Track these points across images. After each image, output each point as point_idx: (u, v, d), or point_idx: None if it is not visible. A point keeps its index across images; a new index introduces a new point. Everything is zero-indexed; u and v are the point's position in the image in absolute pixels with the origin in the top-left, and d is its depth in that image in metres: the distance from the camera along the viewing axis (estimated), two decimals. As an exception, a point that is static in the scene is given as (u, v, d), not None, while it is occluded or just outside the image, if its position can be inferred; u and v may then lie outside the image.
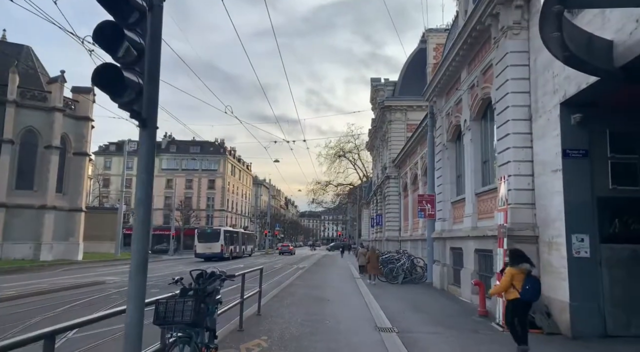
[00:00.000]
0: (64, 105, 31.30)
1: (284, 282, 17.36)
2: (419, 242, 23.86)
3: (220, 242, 38.90)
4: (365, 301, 12.34)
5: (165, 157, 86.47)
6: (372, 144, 46.50)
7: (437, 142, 17.49)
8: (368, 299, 12.58)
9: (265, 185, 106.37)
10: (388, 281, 17.97)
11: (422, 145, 23.50)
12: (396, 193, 31.86)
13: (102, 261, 33.04)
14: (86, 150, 33.08)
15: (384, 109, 33.00)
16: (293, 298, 12.44)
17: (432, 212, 17.59)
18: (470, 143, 13.26)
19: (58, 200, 30.86)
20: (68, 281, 17.83)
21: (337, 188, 75.03)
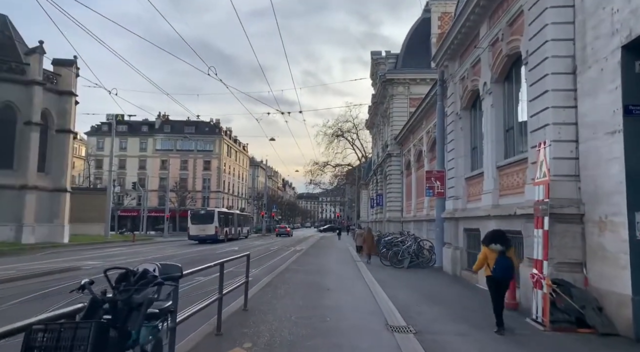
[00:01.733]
0: (44, 78, 29.25)
1: (279, 267, 15.81)
2: (423, 223, 22.31)
3: (214, 224, 37.38)
4: (370, 289, 10.78)
5: (160, 137, 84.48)
6: (372, 122, 44.64)
7: (447, 112, 15.74)
8: (373, 287, 11.02)
9: (262, 166, 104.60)
10: (392, 265, 16.45)
11: (429, 119, 21.74)
12: (398, 172, 30.20)
13: (90, 243, 31.50)
14: (70, 128, 31.13)
15: (385, 83, 31.09)
16: (288, 287, 10.86)
17: (441, 190, 15.96)
18: (490, 109, 11.52)
19: (40, 180, 29.08)
20: (41, 267, 16.22)
21: (335, 169, 73.39)
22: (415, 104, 29.15)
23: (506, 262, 6.89)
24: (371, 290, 10.64)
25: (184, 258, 21.14)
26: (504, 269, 6.86)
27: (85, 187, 64.24)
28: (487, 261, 6.99)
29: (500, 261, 6.84)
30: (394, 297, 9.51)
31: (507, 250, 6.95)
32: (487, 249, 7.01)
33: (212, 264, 6.07)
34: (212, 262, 6.51)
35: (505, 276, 6.95)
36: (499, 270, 6.85)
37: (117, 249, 28.22)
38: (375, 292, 10.21)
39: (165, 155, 79.93)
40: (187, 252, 25.89)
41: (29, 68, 28.49)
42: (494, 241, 6.98)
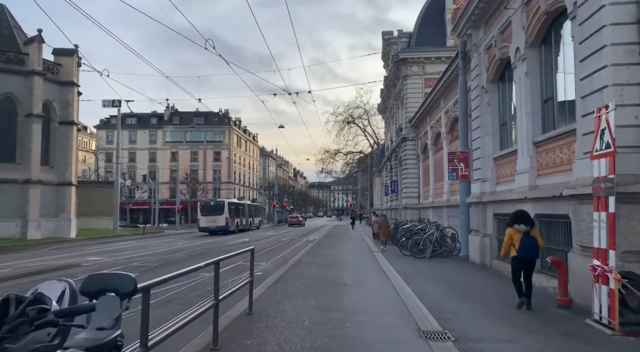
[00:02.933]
0: (44, 68, 28.26)
1: (291, 259, 14.69)
2: (443, 209, 21.01)
3: (224, 215, 36.46)
4: (392, 284, 9.58)
5: (169, 129, 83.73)
6: (384, 106, 43.13)
7: (471, 86, 14.35)
8: (396, 281, 9.82)
9: (272, 156, 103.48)
10: (413, 255, 15.24)
11: (448, 97, 20.30)
12: (414, 156, 28.82)
13: (97, 237, 30.73)
14: (73, 119, 30.17)
15: (399, 63, 29.58)
16: (300, 283, 9.70)
17: (466, 172, 14.63)
18: (524, 78, 10.13)
19: (44, 173, 28.25)
20: (39, 264, 15.33)
21: (346, 157, 72.12)
22: (430, 84, 27.70)
23: (531, 242, 6.90)
24: (394, 285, 9.45)
25: (192, 251, 20.17)
26: (529, 249, 6.89)
27: (93, 180, 63.84)
28: (512, 242, 7.01)
29: (525, 241, 6.87)
30: (421, 293, 8.30)
31: (531, 230, 6.98)
32: (511, 230, 7.04)
33: (203, 264, 4.89)
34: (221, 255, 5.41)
35: (531, 255, 6.97)
36: (525, 250, 6.87)
37: (125, 243, 27.40)
38: (399, 288, 9.00)
39: (175, 147, 79.22)
40: (196, 244, 24.96)
41: (28, 58, 27.52)
42: (517, 222, 7.01)
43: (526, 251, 6.88)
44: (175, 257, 17.16)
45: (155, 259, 16.67)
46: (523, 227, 6.93)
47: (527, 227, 6.93)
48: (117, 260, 16.34)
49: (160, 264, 14.88)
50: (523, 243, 6.86)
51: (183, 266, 4.93)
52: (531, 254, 6.96)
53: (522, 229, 6.92)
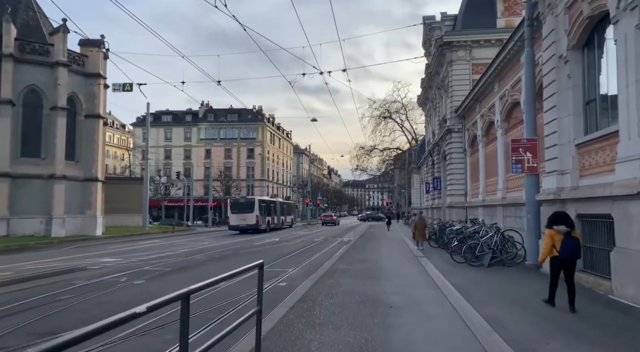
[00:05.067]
0: (69, 60, 27.30)
1: (322, 266, 12.56)
2: (497, 208, 18.36)
3: (255, 213, 34.78)
4: (453, 305, 7.28)
5: (204, 126, 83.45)
6: (425, 97, 40.32)
7: (542, 59, 11.79)
8: (456, 301, 7.51)
9: (305, 153, 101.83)
10: (467, 262, 12.80)
11: (504, 80, 17.65)
12: (460, 150, 26.12)
13: (124, 235, 29.65)
14: (99, 112, 29.12)
15: (443, 48, 26.90)
16: (332, 302, 7.54)
17: (534, 163, 12.06)
18: (635, 33, 7.58)
19: (69, 169, 27.30)
20: (47, 266, 13.84)
21: (382, 153, 69.33)
22: (479, 70, 24.98)
23: (573, 243, 6.77)
24: (455, 307, 7.14)
25: (216, 252, 18.40)
26: (571, 249, 6.76)
27: (123, 176, 63.88)
28: (553, 244, 6.85)
29: (567, 241, 6.74)
30: (497, 324, 5.99)
31: (572, 230, 6.83)
32: (551, 231, 6.90)
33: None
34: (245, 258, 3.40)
35: (573, 256, 6.85)
36: (567, 251, 6.74)
37: (151, 241, 26.09)
38: (464, 313, 6.70)
39: (209, 144, 78.71)
40: (223, 244, 23.25)
41: (53, 49, 26.60)
42: (556, 222, 6.90)
43: (569, 252, 6.76)
44: (194, 260, 15.38)
45: (172, 261, 14.93)
46: (564, 228, 6.79)
47: (567, 228, 6.79)
48: (131, 262, 14.71)
49: (176, 268, 13.09)
50: (565, 244, 6.71)
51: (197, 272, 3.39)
52: (574, 254, 6.83)
53: (562, 230, 6.78)
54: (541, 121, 12.74)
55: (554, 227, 6.88)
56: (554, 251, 6.85)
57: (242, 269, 4.31)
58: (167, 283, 10.29)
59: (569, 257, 6.81)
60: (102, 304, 8.01)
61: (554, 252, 6.86)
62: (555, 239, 6.83)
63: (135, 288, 9.72)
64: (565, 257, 6.78)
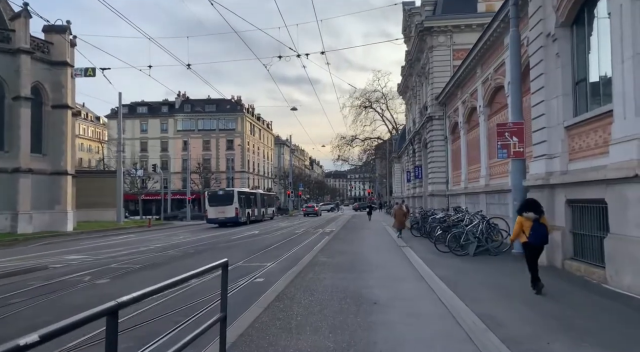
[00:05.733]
0: (32, 46, 25.84)
1: (302, 259, 11.94)
2: (480, 195, 18.02)
3: (234, 205, 33.90)
4: (441, 300, 6.74)
5: (180, 117, 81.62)
6: (405, 85, 39.84)
7: (528, 39, 11.30)
8: (445, 295, 6.98)
9: (287, 144, 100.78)
10: (452, 252, 12.36)
11: (486, 63, 17.20)
12: (441, 138, 25.74)
13: (96, 231, 28.50)
14: (67, 102, 27.72)
15: (423, 33, 26.36)
16: (310, 300, 6.91)
17: (520, 148, 11.60)
18: (631, 4, 7.08)
19: (36, 162, 25.98)
20: (6, 265, 12.89)
21: (364, 143, 69.04)
22: (460, 56, 24.58)
23: (541, 229, 7.10)
24: (444, 302, 6.60)
25: (191, 247, 17.60)
26: (540, 235, 7.11)
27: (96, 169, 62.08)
28: (522, 229, 7.17)
29: (536, 228, 7.04)
30: (491, 321, 5.47)
31: (541, 217, 7.11)
32: (521, 218, 7.19)
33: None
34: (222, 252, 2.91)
35: (542, 241, 7.22)
36: (536, 236, 7.08)
37: (124, 237, 25.04)
38: (454, 309, 6.16)
39: (187, 135, 77.01)
40: (199, 238, 22.42)
41: (14, 35, 25.12)
42: (526, 210, 7.18)
43: (537, 238, 7.09)
44: (167, 256, 14.58)
45: (143, 258, 14.10)
46: (532, 215, 7.05)
47: (536, 215, 7.05)
48: (98, 260, 13.83)
49: (145, 265, 12.29)
50: (534, 230, 7.00)
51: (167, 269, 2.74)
52: (542, 240, 7.19)
53: (531, 217, 7.04)
54: (527, 104, 12.30)
55: (523, 214, 7.15)
56: (523, 236, 7.15)
57: (202, 271, 3.64)
58: (132, 282, 9.52)
59: (538, 243, 7.15)
60: (57, 307, 7.24)
61: (523, 237, 7.16)
62: (525, 225, 7.11)
63: (96, 289, 8.93)
64: (533, 243, 7.11)
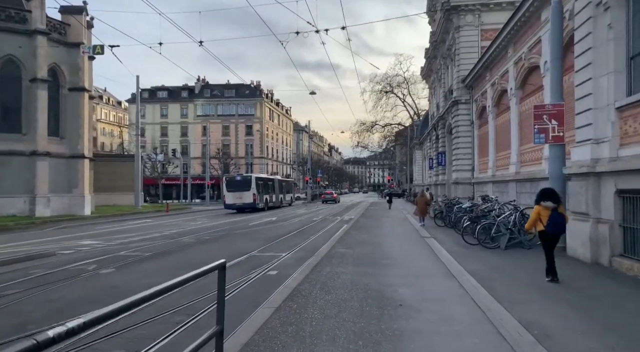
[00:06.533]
0: (49, 28, 25.46)
1: (320, 249, 11.22)
2: (510, 184, 16.95)
3: (252, 191, 33.42)
4: (476, 302, 5.90)
5: (200, 102, 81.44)
6: (429, 69, 38.40)
7: (572, 10, 10.16)
8: (480, 298, 6.14)
9: (305, 130, 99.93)
10: (481, 244, 11.48)
11: (520, 42, 15.99)
12: (467, 123, 24.55)
13: (114, 215, 28.34)
14: (84, 85, 27.38)
15: (450, 13, 25.01)
16: (327, 300, 6.16)
17: (560, 132, 10.55)
18: None
19: (53, 145, 25.78)
20: (16, 250, 12.50)
21: (384, 129, 67.62)
22: (488, 36, 23.28)
23: (559, 218, 7.09)
24: (479, 305, 5.77)
25: (206, 234, 17.05)
26: (557, 224, 7.08)
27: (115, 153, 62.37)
28: (539, 218, 7.18)
29: (554, 217, 7.04)
30: (539, 330, 4.64)
31: (559, 206, 7.13)
32: (539, 207, 7.19)
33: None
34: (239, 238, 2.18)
35: (559, 230, 7.21)
36: (553, 225, 7.06)
37: (140, 221, 24.76)
38: (493, 315, 5.32)
39: (206, 121, 76.76)
40: (216, 224, 21.92)
41: (30, 16, 24.74)
42: (544, 199, 7.19)
43: (555, 226, 7.06)
44: (180, 243, 14.03)
45: (155, 245, 13.58)
46: (551, 204, 7.07)
47: (554, 204, 7.06)
48: (109, 246, 13.36)
49: (156, 253, 11.73)
50: (552, 219, 7.01)
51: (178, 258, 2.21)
52: (559, 229, 7.16)
53: (550, 206, 7.06)
54: (567, 84, 11.20)
55: (541, 203, 7.16)
56: (540, 225, 7.16)
57: (192, 276, 2.89)
58: (137, 273, 8.94)
59: (555, 231, 7.15)
60: (51, 301, 6.66)
61: (540, 226, 7.16)
62: (542, 214, 7.13)
63: (99, 279, 8.36)
64: (551, 231, 7.11)
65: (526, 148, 15.74)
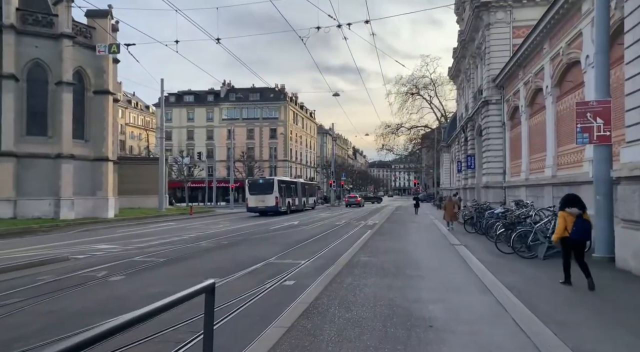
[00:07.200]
0: (75, 31, 25.64)
1: (342, 256, 10.52)
2: (545, 188, 15.90)
3: (274, 194, 32.98)
4: (519, 325, 5.11)
5: (226, 106, 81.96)
6: (457, 69, 37.27)
7: (621, -3, 9.22)
8: (523, 318, 5.34)
9: (329, 133, 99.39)
10: (516, 253, 10.59)
11: (556, 37, 14.98)
12: (498, 124, 23.45)
13: (137, 218, 28.32)
14: (108, 88, 27.50)
15: (479, 10, 23.99)
16: (346, 320, 5.46)
17: (606, 131, 9.60)
18: None
19: (78, 148, 25.90)
20: (33, 254, 12.30)
21: (410, 132, 66.42)
22: (520, 34, 22.23)
23: (585, 225, 6.92)
24: (523, 328, 4.98)
25: (226, 238, 16.58)
26: (583, 231, 6.92)
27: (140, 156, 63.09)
28: (565, 226, 6.96)
29: (579, 223, 6.89)
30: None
31: (584, 213, 6.95)
32: (564, 213, 7.02)
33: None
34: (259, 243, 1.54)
35: (585, 237, 7.02)
36: (579, 232, 6.89)
37: (163, 224, 24.60)
38: (541, 341, 4.55)
39: (231, 124, 77.12)
40: (237, 228, 21.51)
41: (57, 20, 24.97)
42: (569, 205, 7.02)
43: (580, 233, 6.91)
44: (197, 248, 13.58)
45: (172, 249, 13.16)
46: (576, 210, 6.93)
47: (580, 210, 6.91)
48: (125, 250, 13.02)
49: (170, 259, 11.28)
50: (577, 225, 6.86)
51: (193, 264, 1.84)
52: (585, 235, 6.99)
53: (575, 213, 6.92)
54: (614, 79, 10.23)
55: (566, 209, 7.00)
56: (565, 232, 6.97)
57: (172, 301, 2.29)
58: (147, 281, 8.45)
59: (581, 238, 6.97)
60: (50, 313, 6.19)
61: (565, 233, 6.98)
62: (568, 220, 6.95)
63: (106, 288, 7.89)
64: (576, 238, 6.94)
65: (564, 150, 14.70)
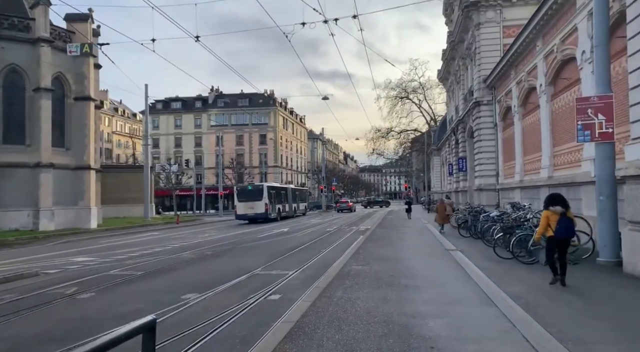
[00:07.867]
0: (53, 36, 24.80)
1: (331, 267, 9.84)
2: (541, 189, 15.41)
3: (263, 201, 32.22)
4: (532, 345, 4.49)
5: (214, 112, 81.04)
6: (446, 71, 36.94)
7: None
8: (534, 337, 4.73)
9: (320, 138, 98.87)
10: (516, 258, 10.02)
11: (550, 34, 14.55)
12: (490, 125, 23.03)
13: (121, 228, 27.38)
14: (89, 94, 26.64)
15: (469, 9, 23.62)
16: (337, 341, 4.79)
17: (608, 127, 9.08)
18: None
19: (58, 156, 24.97)
20: (1, 269, 11.47)
21: (399, 136, 66.32)
22: (511, 33, 21.86)
23: (568, 222, 7.07)
24: (538, 349, 4.36)
25: (209, 248, 15.82)
26: (566, 229, 7.07)
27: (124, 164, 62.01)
28: (548, 223, 7.12)
29: (563, 221, 7.02)
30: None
31: (567, 211, 7.09)
32: (547, 212, 7.16)
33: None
34: None
35: (568, 235, 7.21)
36: (563, 230, 7.04)
37: (146, 234, 23.73)
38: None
39: (220, 130, 76.26)
40: (223, 237, 20.75)
41: (34, 24, 24.12)
42: (552, 204, 7.14)
43: (564, 231, 7.03)
44: (179, 260, 12.82)
45: (151, 262, 12.39)
46: (559, 208, 7.02)
47: (563, 208, 7.02)
48: (102, 263, 12.23)
49: (148, 272, 10.52)
50: (561, 224, 6.96)
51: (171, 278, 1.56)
52: (569, 234, 7.15)
53: (558, 211, 7.02)
54: (613, 73, 9.75)
55: (550, 208, 7.10)
56: (549, 230, 7.11)
57: (97, 347, 1.61)
58: (119, 298, 7.72)
59: (564, 236, 7.12)
60: (0, 341, 5.44)
61: (549, 232, 7.11)
62: (551, 219, 7.06)
63: (72, 307, 7.15)
64: (560, 236, 7.07)
65: (561, 149, 14.23)
